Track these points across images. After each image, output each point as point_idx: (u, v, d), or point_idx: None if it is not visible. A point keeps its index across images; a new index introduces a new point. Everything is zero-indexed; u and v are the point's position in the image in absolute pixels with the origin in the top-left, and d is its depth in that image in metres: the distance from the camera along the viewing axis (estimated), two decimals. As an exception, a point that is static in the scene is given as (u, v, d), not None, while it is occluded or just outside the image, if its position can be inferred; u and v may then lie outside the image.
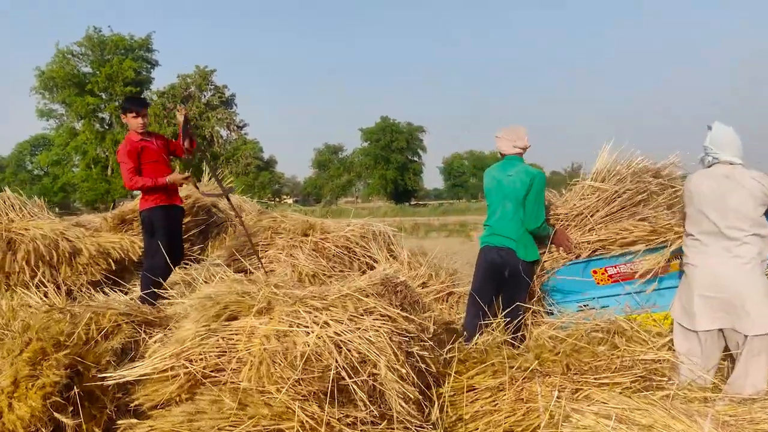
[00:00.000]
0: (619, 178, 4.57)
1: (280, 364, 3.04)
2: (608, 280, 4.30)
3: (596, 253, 4.34)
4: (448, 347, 3.67)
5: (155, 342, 3.47)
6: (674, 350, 3.65)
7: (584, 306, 4.38)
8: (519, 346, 3.90)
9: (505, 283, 4.28)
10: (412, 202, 70.48)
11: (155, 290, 4.78)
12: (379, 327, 3.30)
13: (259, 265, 5.10)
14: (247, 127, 56.04)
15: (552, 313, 4.43)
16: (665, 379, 3.48)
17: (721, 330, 3.53)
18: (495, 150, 4.55)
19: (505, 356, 3.55)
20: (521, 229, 4.24)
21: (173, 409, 3.04)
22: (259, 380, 3.03)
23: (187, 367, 3.11)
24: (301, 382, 2.94)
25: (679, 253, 3.91)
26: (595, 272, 4.32)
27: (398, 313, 3.46)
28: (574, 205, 4.57)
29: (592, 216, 4.44)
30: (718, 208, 3.50)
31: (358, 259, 5.46)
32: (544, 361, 3.54)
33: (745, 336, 3.42)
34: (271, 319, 3.28)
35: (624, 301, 4.22)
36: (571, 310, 4.39)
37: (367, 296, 3.51)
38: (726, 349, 3.59)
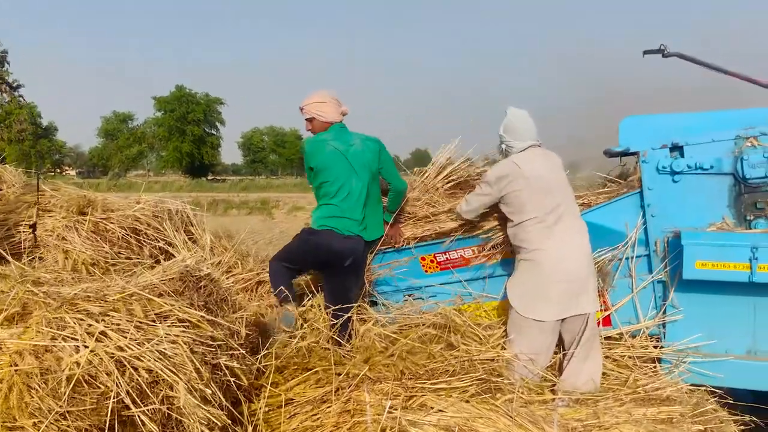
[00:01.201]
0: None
1: (38, 391, 2.22)
2: (437, 267, 3.94)
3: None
4: (263, 353, 3.05)
5: None
6: (508, 346, 3.37)
7: (410, 296, 4.00)
8: (346, 346, 3.40)
9: (340, 273, 3.64)
10: (209, 177, 67.61)
11: None
12: (177, 336, 2.59)
13: (23, 251, 4.03)
14: (22, 89, 49.28)
15: (376, 304, 3.99)
16: (500, 379, 3.18)
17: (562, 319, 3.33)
18: (300, 124, 3.90)
19: (331, 361, 3.02)
20: (368, 208, 3.67)
21: None
22: (7, 412, 2.19)
23: None
24: (68, 415, 2.18)
25: (507, 243, 3.65)
26: (423, 259, 3.95)
27: (202, 317, 2.77)
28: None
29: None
30: (558, 188, 3.37)
31: (150, 244, 4.55)
32: (374, 365, 3.07)
33: (587, 318, 3.28)
34: (27, 328, 2.41)
35: (454, 290, 3.90)
36: (397, 301, 3.99)
37: (161, 295, 2.78)
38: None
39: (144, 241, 4.55)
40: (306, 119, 3.79)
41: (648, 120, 3.61)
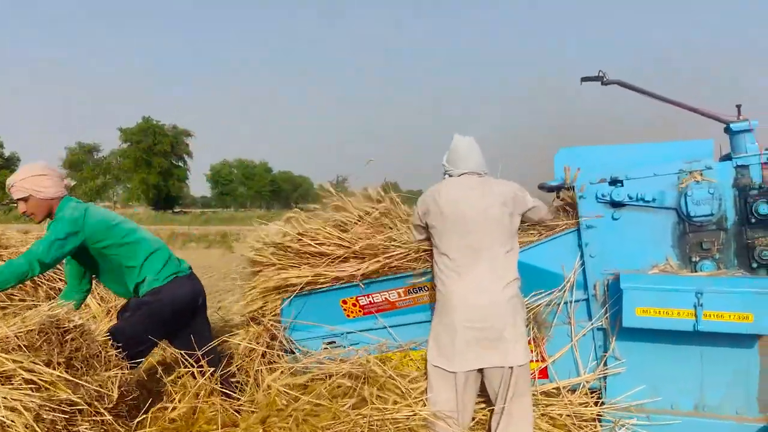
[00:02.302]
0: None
1: None
2: (359, 311, 3.56)
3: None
4: (140, 417, 2.62)
5: None
6: (429, 402, 2.99)
7: (330, 343, 3.60)
8: (239, 397, 2.99)
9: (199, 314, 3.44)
10: (176, 210, 66.53)
11: None
12: (17, 401, 2.17)
13: None
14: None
15: (293, 352, 3.58)
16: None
17: (480, 371, 2.97)
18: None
19: (219, 425, 2.60)
20: None
21: None
22: None
23: None
24: None
25: (430, 282, 3.30)
26: (344, 302, 3.56)
27: (58, 376, 2.36)
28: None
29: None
30: (483, 224, 2.98)
31: (48, 285, 4.11)
32: (270, 427, 2.65)
33: (510, 371, 2.88)
34: None
35: (380, 336, 3.51)
36: (315, 348, 3.59)
37: (12, 350, 2.37)
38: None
39: (40, 282, 4.11)
40: (19, 199, 3.18)
41: (585, 152, 3.32)
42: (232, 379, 3.12)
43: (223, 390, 3.01)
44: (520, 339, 2.94)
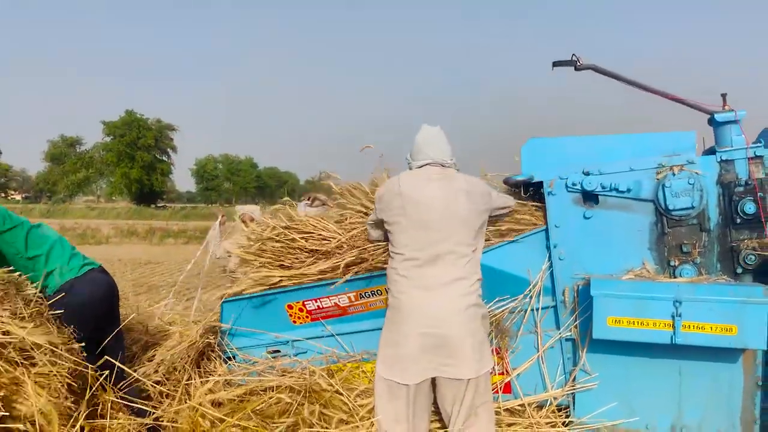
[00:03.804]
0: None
1: None
2: (307, 317, 3.23)
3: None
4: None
5: None
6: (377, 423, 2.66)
7: (276, 352, 3.26)
8: (149, 411, 2.64)
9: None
10: (159, 204, 65.67)
11: None
12: None
13: None
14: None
15: (231, 359, 3.25)
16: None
17: (433, 384, 2.64)
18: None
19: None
20: None
21: None
22: None
23: None
24: None
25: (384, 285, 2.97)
26: (290, 307, 3.23)
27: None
28: None
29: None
30: (443, 221, 2.63)
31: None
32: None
33: (465, 385, 2.55)
34: None
35: (328, 344, 3.19)
36: (259, 356, 3.26)
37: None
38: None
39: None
40: None
41: (554, 143, 3.01)
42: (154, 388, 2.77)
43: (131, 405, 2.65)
44: (479, 349, 2.60)
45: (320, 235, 3.21)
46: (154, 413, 2.61)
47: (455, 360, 2.56)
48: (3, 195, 67.69)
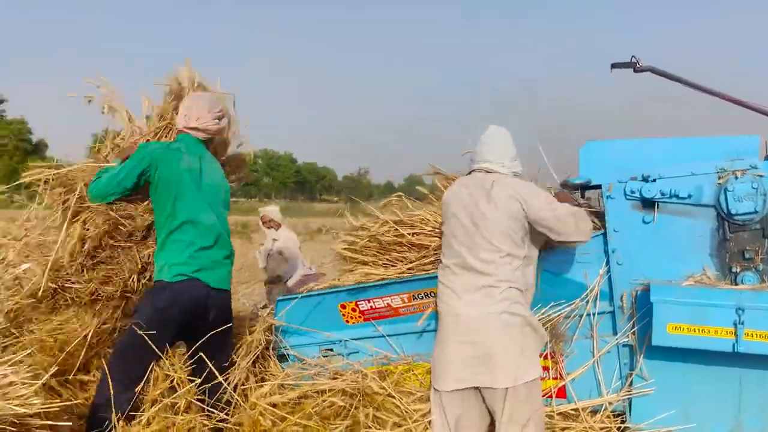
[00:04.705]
0: None
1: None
2: (359, 317, 3.26)
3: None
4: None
5: None
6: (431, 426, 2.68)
7: (328, 351, 3.30)
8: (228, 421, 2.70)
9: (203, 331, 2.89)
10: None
11: None
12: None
13: None
14: (4, 103, 48.58)
15: (286, 359, 3.30)
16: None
17: (479, 391, 2.62)
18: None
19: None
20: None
21: None
22: None
23: None
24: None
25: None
26: (343, 306, 3.26)
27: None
28: None
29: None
30: (477, 228, 2.65)
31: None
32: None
33: (504, 393, 2.53)
34: None
35: (381, 346, 3.20)
36: (312, 355, 3.29)
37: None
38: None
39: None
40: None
41: (613, 146, 2.97)
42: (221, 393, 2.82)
43: (203, 405, 2.71)
44: (516, 357, 2.58)
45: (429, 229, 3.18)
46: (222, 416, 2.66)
47: (489, 368, 2.56)
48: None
